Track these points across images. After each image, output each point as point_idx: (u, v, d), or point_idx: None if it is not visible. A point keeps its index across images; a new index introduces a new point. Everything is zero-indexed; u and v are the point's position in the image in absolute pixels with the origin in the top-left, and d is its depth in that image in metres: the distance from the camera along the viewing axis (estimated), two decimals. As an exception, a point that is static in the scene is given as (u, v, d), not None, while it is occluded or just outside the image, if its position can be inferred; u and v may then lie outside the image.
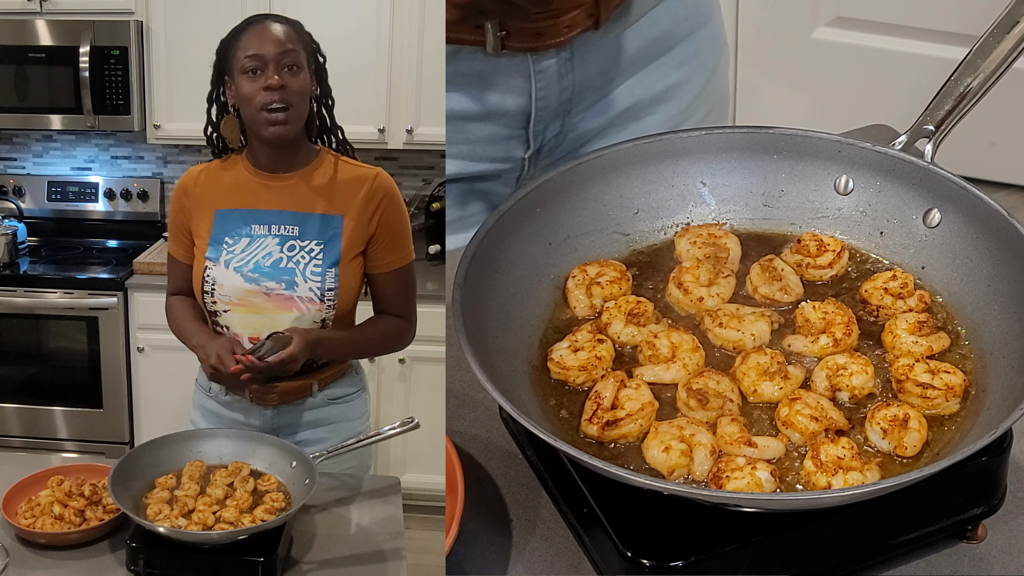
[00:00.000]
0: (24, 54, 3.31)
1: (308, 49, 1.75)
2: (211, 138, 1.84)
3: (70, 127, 3.43)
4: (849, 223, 1.32)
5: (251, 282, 1.72)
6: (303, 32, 1.76)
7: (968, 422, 1.11)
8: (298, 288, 1.72)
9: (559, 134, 1.58)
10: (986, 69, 1.29)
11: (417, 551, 1.67)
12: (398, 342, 1.86)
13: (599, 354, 1.19)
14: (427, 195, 3.58)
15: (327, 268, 1.72)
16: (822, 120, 1.49)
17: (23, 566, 1.43)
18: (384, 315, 1.84)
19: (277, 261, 1.72)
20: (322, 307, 1.72)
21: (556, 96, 1.53)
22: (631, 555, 1.03)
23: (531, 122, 1.55)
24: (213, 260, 1.73)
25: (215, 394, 1.82)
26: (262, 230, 1.74)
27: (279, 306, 1.72)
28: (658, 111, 1.62)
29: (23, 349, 3.34)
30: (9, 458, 2.81)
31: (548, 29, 1.44)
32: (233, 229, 1.74)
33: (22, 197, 3.67)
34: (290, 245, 1.73)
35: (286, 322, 1.72)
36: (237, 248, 1.73)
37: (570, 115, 1.56)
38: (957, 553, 1.14)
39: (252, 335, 1.73)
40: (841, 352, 1.19)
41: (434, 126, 3.27)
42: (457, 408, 1.32)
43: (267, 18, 1.75)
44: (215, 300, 1.74)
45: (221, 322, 1.75)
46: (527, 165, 1.60)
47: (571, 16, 1.45)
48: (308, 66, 1.74)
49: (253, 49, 1.69)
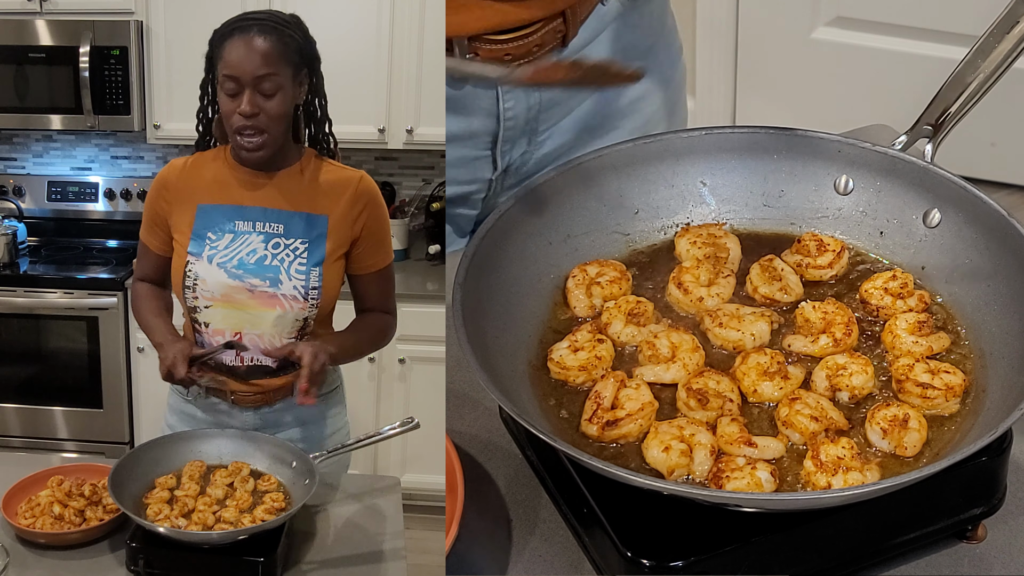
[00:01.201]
0: (24, 54, 3.31)
1: (294, 59, 1.68)
2: (199, 128, 1.82)
3: (70, 127, 3.42)
4: (849, 223, 1.32)
5: (235, 278, 1.72)
6: (291, 39, 1.68)
7: (968, 422, 1.11)
8: (282, 286, 1.72)
9: (525, 153, 1.59)
10: (986, 69, 1.29)
11: (417, 551, 1.67)
12: (387, 336, 1.89)
13: (599, 354, 1.19)
14: (427, 195, 3.58)
15: (311, 267, 1.72)
16: (822, 120, 1.49)
17: (23, 566, 1.43)
18: (370, 312, 1.87)
19: (262, 258, 1.72)
20: (305, 305, 1.72)
21: (523, 115, 1.54)
22: (631, 555, 1.03)
23: (498, 142, 1.55)
24: (195, 255, 1.73)
25: (193, 398, 1.81)
26: (246, 227, 1.73)
27: (262, 303, 1.72)
28: (621, 125, 1.62)
29: (23, 349, 3.34)
30: (9, 458, 2.81)
31: (516, 50, 1.44)
32: (216, 224, 1.74)
33: (22, 197, 3.67)
34: (275, 243, 1.72)
35: (268, 319, 1.72)
36: (220, 244, 1.73)
37: (536, 134, 1.57)
38: (957, 553, 1.14)
39: (233, 331, 1.73)
40: (841, 352, 1.19)
41: (434, 126, 3.27)
42: (457, 408, 1.32)
43: (252, 26, 1.66)
44: (196, 295, 1.73)
45: (200, 318, 1.74)
46: (494, 186, 1.62)
47: (540, 35, 1.45)
48: (294, 77, 1.68)
49: (230, 68, 1.64)
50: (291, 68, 1.68)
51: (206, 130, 1.82)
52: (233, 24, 1.68)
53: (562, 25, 1.46)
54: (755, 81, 3.60)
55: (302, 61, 1.71)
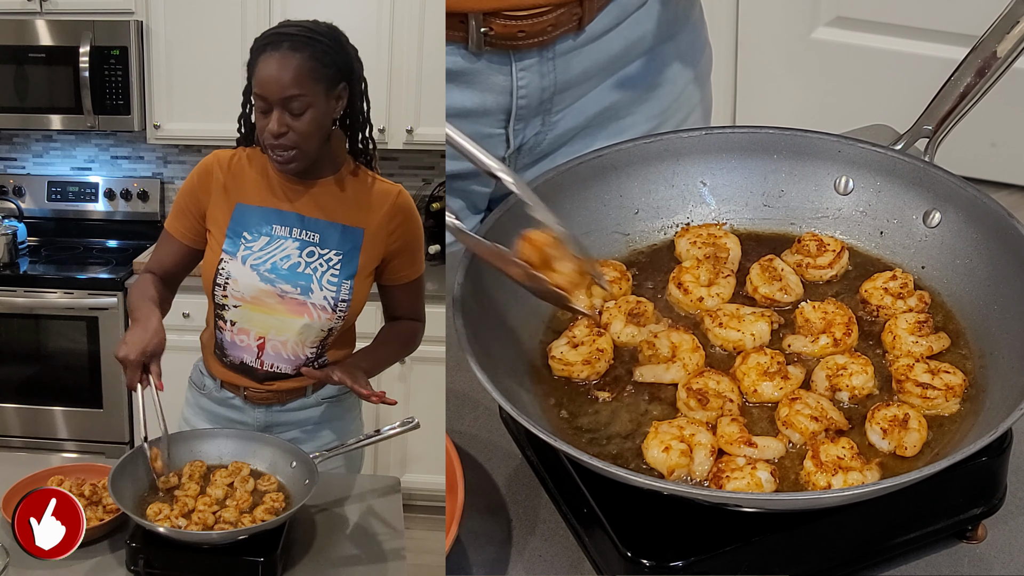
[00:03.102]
0: (24, 54, 3.31)
1: (327, 74, 1.64)
2: (241, 131, 1.80)
3: (70, 127, 3.42)
4: (849, 223, 1.32)
5: (267, 282, 1.71)
6: (325, 53, 1.65)
7: (968, 422, 1.11)
8: (313, 295, 1.71)
9: (539, 133, 1.58)
10: (986, 69, 1.29)
11: (417, 551, 1.67)
12: (416, 342, 1.90)
13: (600, 347, 1.19)
14: (427, 195, 3.58)
15: (344, 279, 1.72)
16: (822, 120, 1.48)
17: (23, 566, 1.43)
18: (400, 321, 1.88)
19: (295, 265, 1.72)
20: (333, 316, 1.72)
21: (537, 95, 1.53)
22: (631, 555, 1.03)
23: (511, 120, 1.55)
24: (230, 254, 1.72)
25: (208, 391, 1.82)
26: (283, 231, 1.73)
27: (291, 310, 1.72)
28: (638, 111, 1.62)
29: (23, 349, 3.34)
30: (9, 458, 2.81)
31: (531, 28, 1.45)
32: (253, 226, 1.73)
33: (22, 197, 3.67)
34: (309, 251, 1.72)
35: (295, 327, 1.72)
36: (256, 245, 1.72)
37: (550, 114, 1.56)
38: (957, 553, 1.14)
39: (259, 334, 1.73)
40: (841, 352, 1.19)
41: (434, 126, 3.27)
42: (457, 408, 1.32)
43: (284, 41, 1.62)
44: (227, 294, 1.73)
45: (228, 316, 1.74)
46: (507, 163, 1.61)
47: (554, 15, 1.45)
48: (327, 93, 1.65)
49: (259, 87, 1.62)
50: (323, 84, 1.65)
51: (248, 134, 1.79)
52: (267, 38, 1.65)
53: (579, 8, 1.46)
54: (755, 81, 3.60)
55: (338, 75, 1.68)
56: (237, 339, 1.74)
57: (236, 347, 1.75)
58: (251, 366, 1.76)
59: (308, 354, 1.75)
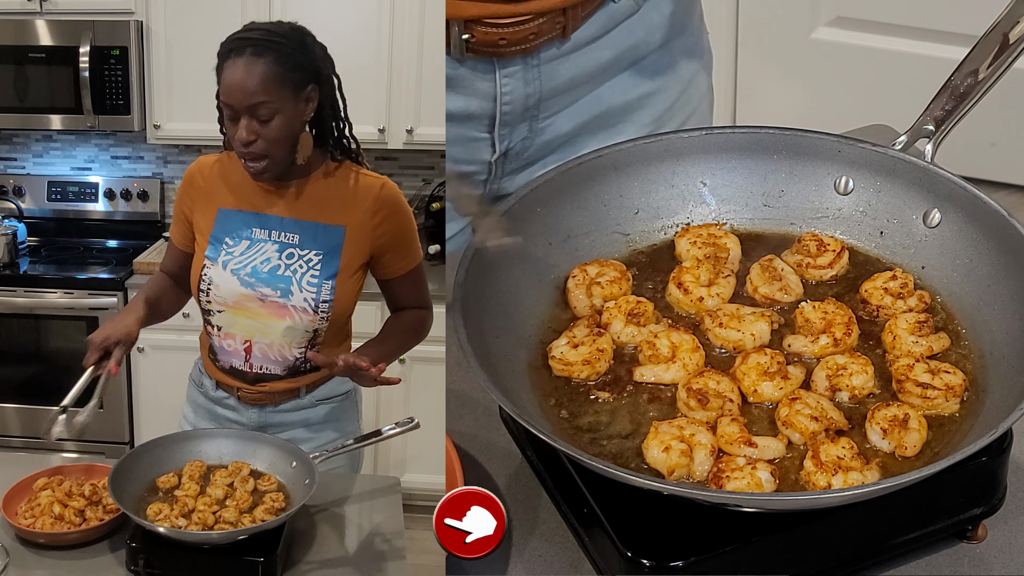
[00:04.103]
0: (24, 54, 3.31)
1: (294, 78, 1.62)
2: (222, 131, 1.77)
3: (70, 127, 3.42)
4: (849, 223, 1.32)
5: (247, 286, 1.71)
6: (289, 57, 1.61)
7: (968, 422, 1.11)
8: (292, 297, 1.71)
9: (526, 138, 1.58)
10: (986, 69, 1.29)
11: (417, 551, 1.67)
12: (425, 330, 1.88)
13: (600, 346, 1.19)
14: (427, 195, 3.58)
15: (324, 280, 1.71)
16: (822, 120, 1.48)
17: (23, 566, 1.43)
18: (405, 311, 1.85)
19: (275, 268, 1.71)
20: (315, 318, 1.72)
21: (521, 101, 1.53)
22: (631, 555, 1.03)
23: (496, 125, 1.55)
24: (212, 260, 1.73)
25: (206, 390, 1.82)
26: (263, 234, 1.73)
27: (272, 313, 1.71)
28: (631, 119, 1.61)
29: (23, 349, 3.34)
30: (9, 458, 2.80)
31: (512, 36, 1.44)
32: (234, 230, 1.74)
33: (22, 197, 3.67)
34: (289, 253, 1.72)
35: (278, 329, 1.72)
36: (236, 250, 1.73)
37: (537, 120, 1.56)
38: (957, 553, 1.14)
39: (245, 337, 1.73)
40: (841, 352, 1.19)
41: (434, 126, 3.27)
42: (457, 408, 1.32)
43: (247, 47, 1.60)
44: (210, 300, 1.73)
45: (214, 321, 1.75)
46: (494, 168, 1.61)
47: (536, 24, 1.45)
48: (295, 96, 1.62)
49: (224, 95, 1.61)
50: (290, 89, 1.62)
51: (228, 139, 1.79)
52: (231, 43, 1.62)
53: (562, 17, 1.46)
54: (755, 81, 3.60)
55: (305, 77, 1.65)
56: (225, 343, 1.75)
57: (225, 351, 1.76)
58: (241, 369, 1.76)
59: (296, 355, 1.75)
